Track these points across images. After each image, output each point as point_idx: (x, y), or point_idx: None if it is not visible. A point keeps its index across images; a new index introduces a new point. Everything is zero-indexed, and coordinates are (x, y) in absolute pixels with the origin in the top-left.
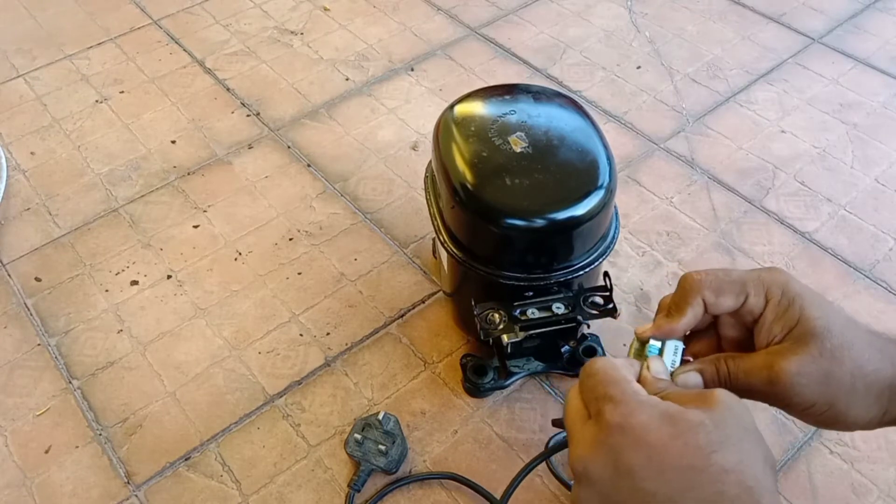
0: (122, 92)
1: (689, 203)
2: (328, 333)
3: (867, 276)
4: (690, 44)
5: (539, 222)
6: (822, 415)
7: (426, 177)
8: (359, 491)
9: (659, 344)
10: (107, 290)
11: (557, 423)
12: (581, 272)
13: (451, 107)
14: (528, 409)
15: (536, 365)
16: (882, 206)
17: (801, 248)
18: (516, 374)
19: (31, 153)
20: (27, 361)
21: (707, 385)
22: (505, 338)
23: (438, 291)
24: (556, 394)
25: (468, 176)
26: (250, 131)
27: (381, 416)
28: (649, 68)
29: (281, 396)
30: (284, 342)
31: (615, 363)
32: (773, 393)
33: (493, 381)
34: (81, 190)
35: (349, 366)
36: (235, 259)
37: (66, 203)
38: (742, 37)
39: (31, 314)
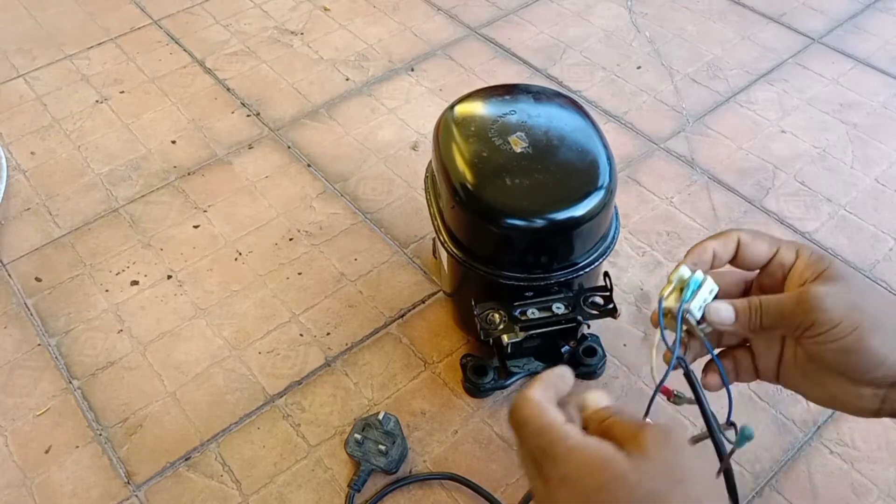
0: (123, 92)
1: (689, 203)
2: (328, 333)
3: (867, 276)
4: (690, 44)
5: (539, 222)
6: (846, 339)
7: (426, 177)
8: (359, 491)
9: (700, 277)
10: (107, 290)
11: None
12: (581, 272)
13: (452, 107)
14: None
15: (537, 365)
16: (882, 206)
17: None
18: (516, 374)
19: (32, 153)
20: (27, 361)
21: (738, 318)
22: (505, 338)
23: (438, 291)
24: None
25: (468, 176)
26: (250, 131)
27: (381, 416)
28: (649, 68)
29: (281, 396)
30: (284, 342)
31: (540, 405)
32: (799, 312)
33: (493, 382)
34: (81, 190)
35: (349, 366)
36: (235, 259)
37: (66, 203)
38: (742, 37)
39: (32, 314)
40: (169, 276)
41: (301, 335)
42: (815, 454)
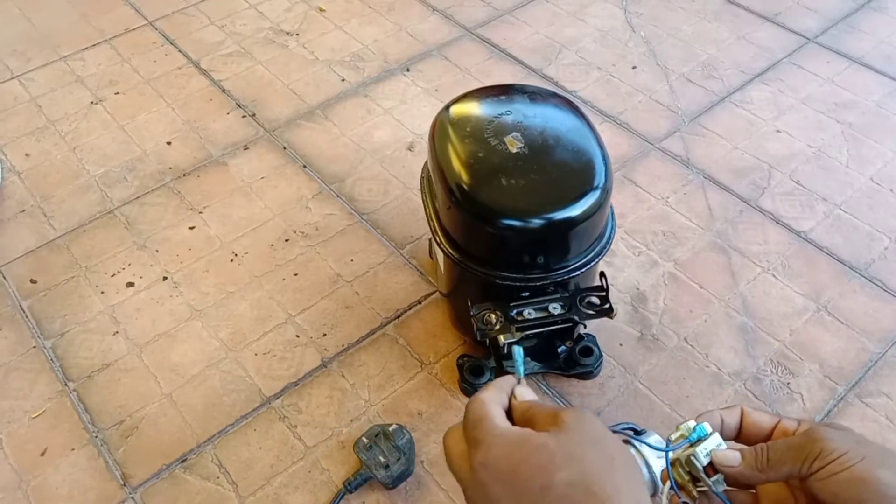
0: (118, 93)
1: (684, 203)
2: (325, 335)
3: (862, 275)
4: (686, 44)
5: (535, 223)
6: (855, 466)
7: (422, 177)
8: (351, 492)
9: (707, 428)
10: (102, 292)
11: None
12: (577, 272)
13: (447, 108)
14: None
15: (533, 365)
16: (877, 205)
17: (797, 248)
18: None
19: (27, 155)
20: (23, 364)
21: (745, 458)
22: (501, 338)
23: (435, 292)
24: (553, 394)
25: (464, 176)
26: (246, 132)
27: (392, 428)
28: (645, 68)
29: (277, 398)
30: (281, 343)
31: (485, 399)
32: (807, 443)
33: (490, 382)
34: (77, 191)
35: (346, 367)
36: (231, 260)
37: (61, 205)
38: (737, 36)
39: (27, 316)
40: (164, 278)
41: (297, 336)
42: None
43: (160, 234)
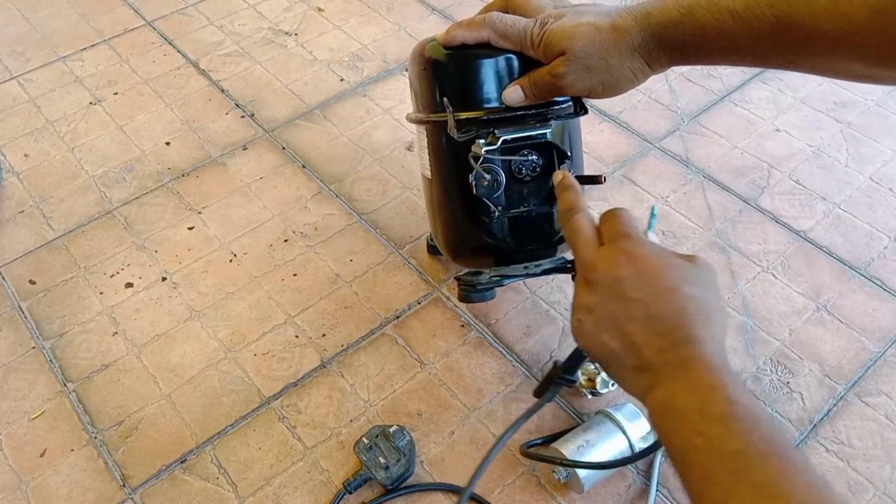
0: (116, 93)
1: (684, 202)
2: (324, 335)
3: (862, 275)
4: None
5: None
6: (604, 88)
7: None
8: (350, 493)
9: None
10: (101, 293)
11: (537, 392)
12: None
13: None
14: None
15: (535, 268)
16: (876, 204)
17: (797, 247)
18: (514, 276)
19: (25, 155)
20: (22, 364)
21: (526, 95)
22: (481, 142)
23: (434, 292)
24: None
25: (440, 52)
26: (245, 132)
27: (393, 430)
28: None
29: (277, 398)
30: (280, 344)
31: (631, 218)
32: (559, 83)
33: (489, 280)
34: (75, 192)
35: (345, 367)
36: (230, 261)
37: (60, 205)
38: None
39: (26, 317)
40: (163, 278)
41: (296, 337)
42: (812, 452)
43: (159, 234)
